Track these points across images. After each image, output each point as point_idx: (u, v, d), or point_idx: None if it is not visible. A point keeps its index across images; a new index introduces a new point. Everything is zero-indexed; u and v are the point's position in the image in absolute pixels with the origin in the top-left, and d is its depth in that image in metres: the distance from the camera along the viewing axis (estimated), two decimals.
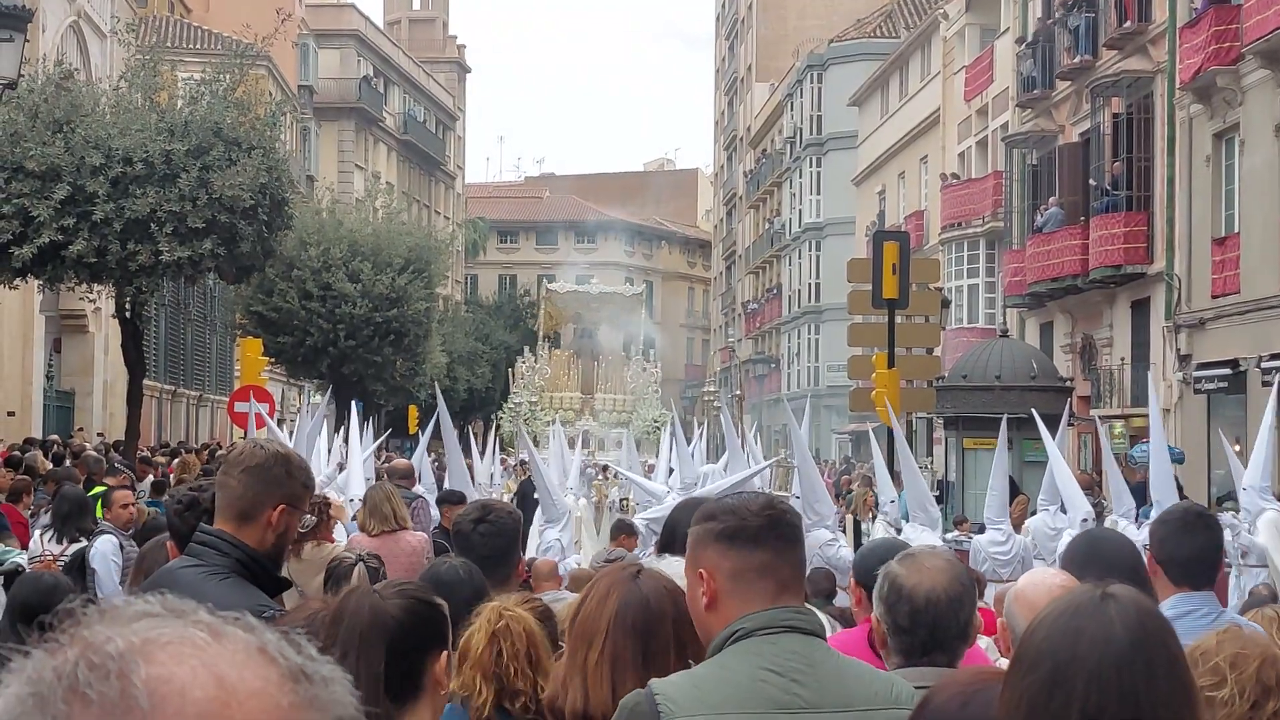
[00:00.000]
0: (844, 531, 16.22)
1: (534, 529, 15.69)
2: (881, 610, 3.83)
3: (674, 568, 4.24)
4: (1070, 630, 2.34)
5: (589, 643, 3.59)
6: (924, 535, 14.47)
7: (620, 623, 3.54)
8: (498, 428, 39.72)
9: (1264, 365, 26.27)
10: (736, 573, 3.37)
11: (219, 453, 22.47)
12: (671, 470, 19.74)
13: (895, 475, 18.25)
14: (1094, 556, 4.80)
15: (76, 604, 1.23)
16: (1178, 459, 27.50)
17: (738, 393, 30.97)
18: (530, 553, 13.65)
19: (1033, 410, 18.74)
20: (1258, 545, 13.06)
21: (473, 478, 21.28)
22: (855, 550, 17.03)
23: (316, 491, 9.99)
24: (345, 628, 3.40)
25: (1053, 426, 27.53)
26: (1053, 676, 2.31)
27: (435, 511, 13.14)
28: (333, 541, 8.97)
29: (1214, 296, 28.99)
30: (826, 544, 13.71)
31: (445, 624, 3.57)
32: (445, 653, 3.50)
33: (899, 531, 15.87)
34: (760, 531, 3.38)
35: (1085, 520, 14.66)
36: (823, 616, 5.71)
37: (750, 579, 3.36)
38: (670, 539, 5.28)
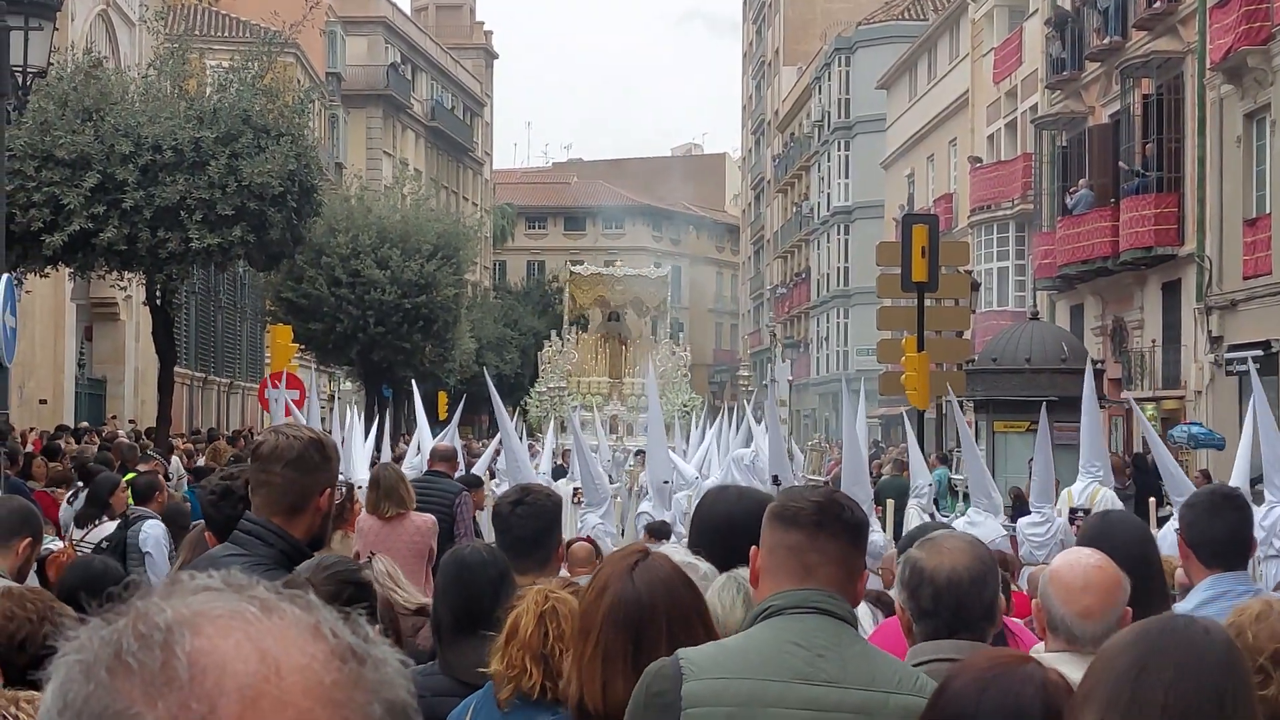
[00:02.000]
0: (883, 515, 16.13)
1: (575, 512, 15.69)
2: (904, 596, 3.84)
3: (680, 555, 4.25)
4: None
5: (586, 636, 3.61)
6: (988, 522, 14.38)
7: (612, 617, 3.55)
8: (524, 413, 39.74)
9: None
10: (771, 549, 3.51)
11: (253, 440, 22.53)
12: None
13: (926, 459, 18.21)
14: (1103, 538, 4.78)
15: (139, 580, 1.24)
16: (1217, 444, 27.38)
17: (772, 380, 30.84)
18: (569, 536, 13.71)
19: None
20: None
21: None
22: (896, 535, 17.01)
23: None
24: None
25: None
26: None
27: None
28: (354, 530, 9.04)
29: (1245, 278, 28.84)
30: None
31: (371, 597, 3.86)
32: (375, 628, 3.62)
33: (931, 516, 15.84)
34: (801, 514, 3.48)
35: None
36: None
37: (781, 556, 3.48)
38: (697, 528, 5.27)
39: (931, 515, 16.41)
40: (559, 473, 22.79)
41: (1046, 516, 15.26)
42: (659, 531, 13.41)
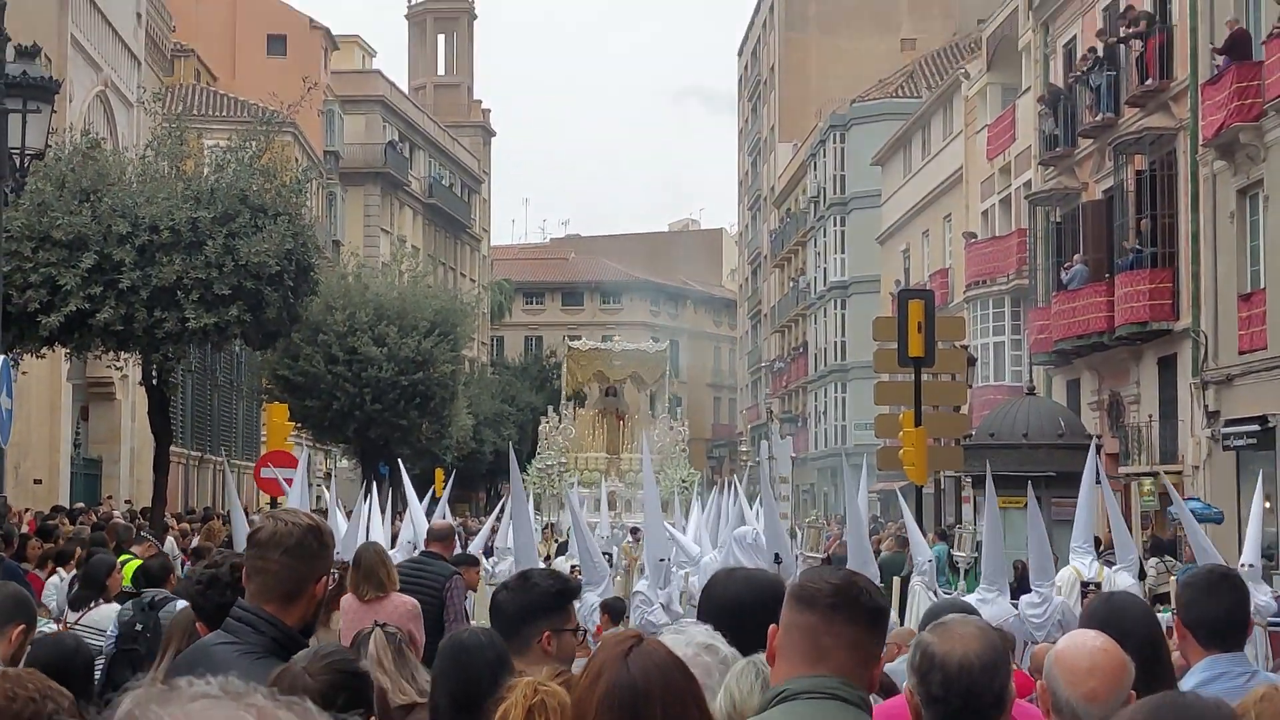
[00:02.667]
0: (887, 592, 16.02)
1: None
2: (914, 681, 3.80)
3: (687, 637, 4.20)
4: None
5: None
6: (999, 600, 14.22)
7: (607, 703, 3.51)
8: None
9: None
10: (787, 629, 3.53)
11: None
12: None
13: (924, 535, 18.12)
14: (1109, 620, 4.74)
15: (146, 678, 1.22)
16: (1215, 518, 27.32)
17: (771, 456, 30.62)
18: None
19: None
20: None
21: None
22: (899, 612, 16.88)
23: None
24: None
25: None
26: None
27: None
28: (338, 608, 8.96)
29: (1241, 352, 28.87)
30: None
31: (368, 690, 3.79)
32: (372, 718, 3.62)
33: (935, 593, 15.77)
34: (818, 596, 3.49)
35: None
36: None
37: (795, 637, 3.49)
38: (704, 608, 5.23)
39: (935, 593, 16.34)
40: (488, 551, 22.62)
41: (1045, 596, 15.15)
42: (615, 609, 13.25)
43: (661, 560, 15.69)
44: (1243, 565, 14.59)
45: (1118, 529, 16.27)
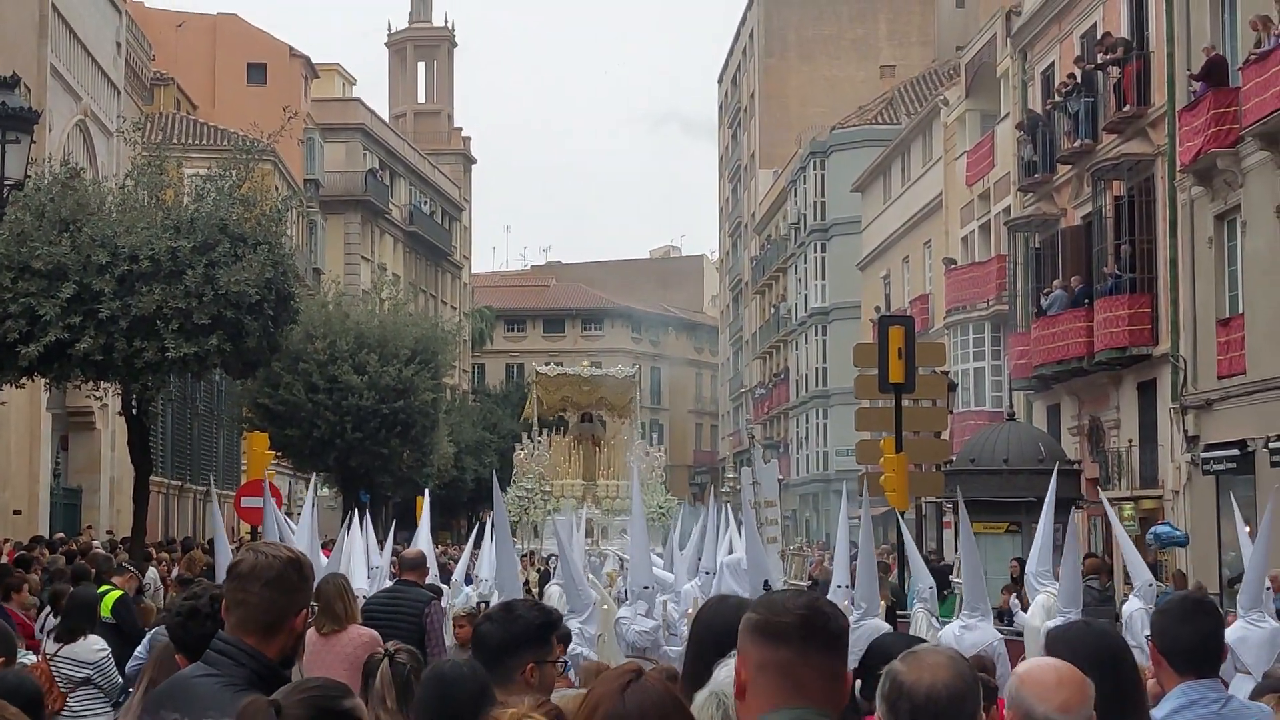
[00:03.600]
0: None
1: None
2: (884, 709, 3.80)
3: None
4: None
5: None
6: (983, 626, 14.15)
7: None
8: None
9: (1272, 445, 26.22)
10: (760, 666, 3.46)
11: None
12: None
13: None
14: (1073, 646, 4.71)
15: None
16: (1180, 542, 27.46)
17: (754, 481, 30.12)
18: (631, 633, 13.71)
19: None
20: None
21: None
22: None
23: None
24: None
25: (1064, 510, 27.50)
26: None
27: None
28: None
29: (1220, 377, 28.97)
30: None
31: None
32: None
33: (936, 619, 15.75)
34: (788, 629, 3.44)
35: (1152, 585, 14.87)
36: None
37: (770, 674, 3.43)
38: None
39: (936, 618, 16.34)
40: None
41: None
42: (564, 637, 13.13)
43: (645, 588, 15.69)
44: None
45: (1131, 555, 16.20)
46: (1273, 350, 26.67)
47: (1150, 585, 15.23)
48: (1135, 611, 14.72)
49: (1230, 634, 12.08)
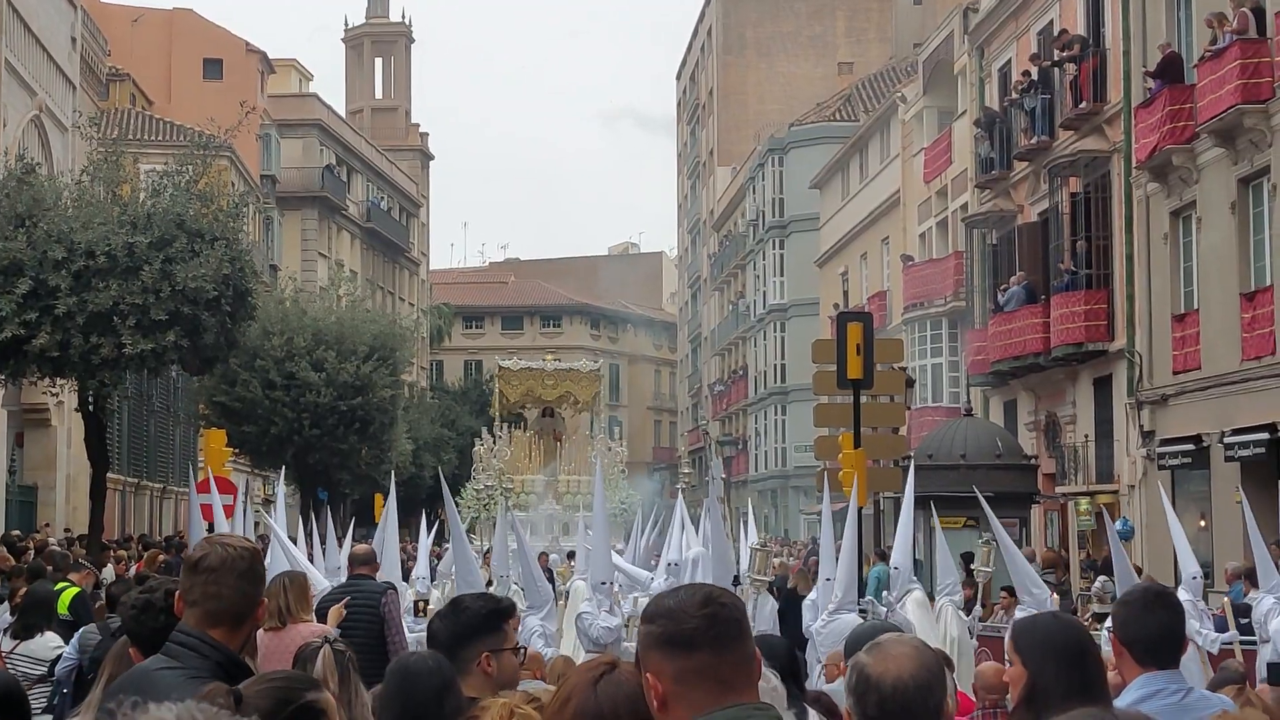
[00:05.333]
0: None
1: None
2: (851, 702, 3.81)
3: None
4: None
5: None
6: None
7: None
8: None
9: (1227, 440, 26.42)
10: (679, 676, 3.37)
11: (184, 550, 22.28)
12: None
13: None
14: (1038, 639, 4.74)
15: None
16: (1126, 534, 27.68)
17: (721, 476, 29.81)
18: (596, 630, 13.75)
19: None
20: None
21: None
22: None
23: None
24: None
25: (1022, 504, 27.69)
26: None
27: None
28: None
29: (1175, 373, 29.16)
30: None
31: (310, 713, 3.69)
32: None
33: (963, 613, 15.95)
34: (696, 634, 3.37)
35: (1196, 578, 15.11)
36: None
37: (693, 682, 3.36)
38: None
39: (963, 612, 16.49)
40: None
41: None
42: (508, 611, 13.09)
43: (603, 583, 15.69)
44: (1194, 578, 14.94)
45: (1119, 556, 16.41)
46: (1227, 345, 26.87)
47: (1195, 578, 15.41)
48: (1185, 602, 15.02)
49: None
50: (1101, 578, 25.27)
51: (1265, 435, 25.25)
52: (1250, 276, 26.79)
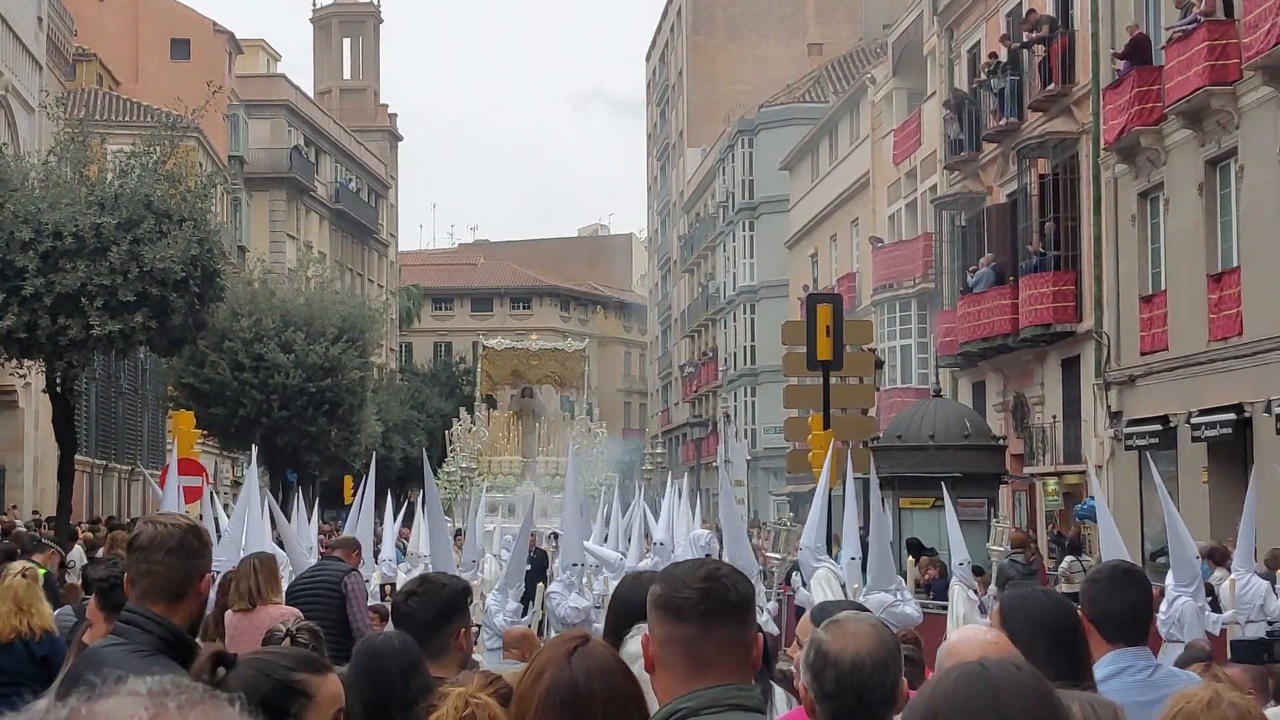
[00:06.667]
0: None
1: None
2: (809, 678, 3.81)
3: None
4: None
5: (522, 719, 3.58)
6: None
7: (549, 701, 3.51)
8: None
9: (1194, 420, 26.56)
10: (664, 641, 3.44)
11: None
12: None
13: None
14: (1029, 615, 4.78)
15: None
16: (1090, 515, 27.81)
17: (726, 460, 29.66)
18: (500, 620, 13.71)
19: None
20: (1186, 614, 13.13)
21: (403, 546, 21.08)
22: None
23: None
24: None
25: (990, 485, 27.78)
26: None
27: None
28: None
29: (1143, 353, 29.29)
30: (889, 607, 13.55)
31: (290, 703, 3.72)
32: None
33: (974, 592, 15.99)
34: (686, 604, 3.40)
35: (1196, 558, 15.10)
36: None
37: (673, 650, 3.41)
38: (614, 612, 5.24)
39: (974, 591, 16.54)
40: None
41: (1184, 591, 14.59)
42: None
43: (575, 565, 15.71)
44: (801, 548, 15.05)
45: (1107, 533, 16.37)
46: (1194, 326, 27.00)
47: (1196, 558, 15.41)
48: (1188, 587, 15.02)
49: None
50: (1069, 558, 25.48)
51: (1232, 416, 25.39)
52: (1218, 258, 26.91)
